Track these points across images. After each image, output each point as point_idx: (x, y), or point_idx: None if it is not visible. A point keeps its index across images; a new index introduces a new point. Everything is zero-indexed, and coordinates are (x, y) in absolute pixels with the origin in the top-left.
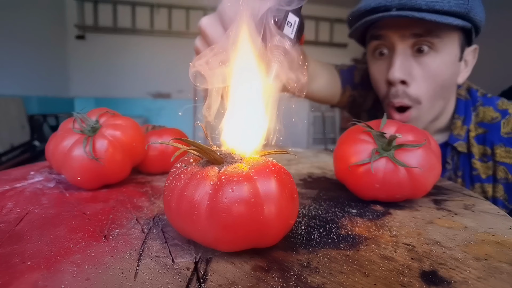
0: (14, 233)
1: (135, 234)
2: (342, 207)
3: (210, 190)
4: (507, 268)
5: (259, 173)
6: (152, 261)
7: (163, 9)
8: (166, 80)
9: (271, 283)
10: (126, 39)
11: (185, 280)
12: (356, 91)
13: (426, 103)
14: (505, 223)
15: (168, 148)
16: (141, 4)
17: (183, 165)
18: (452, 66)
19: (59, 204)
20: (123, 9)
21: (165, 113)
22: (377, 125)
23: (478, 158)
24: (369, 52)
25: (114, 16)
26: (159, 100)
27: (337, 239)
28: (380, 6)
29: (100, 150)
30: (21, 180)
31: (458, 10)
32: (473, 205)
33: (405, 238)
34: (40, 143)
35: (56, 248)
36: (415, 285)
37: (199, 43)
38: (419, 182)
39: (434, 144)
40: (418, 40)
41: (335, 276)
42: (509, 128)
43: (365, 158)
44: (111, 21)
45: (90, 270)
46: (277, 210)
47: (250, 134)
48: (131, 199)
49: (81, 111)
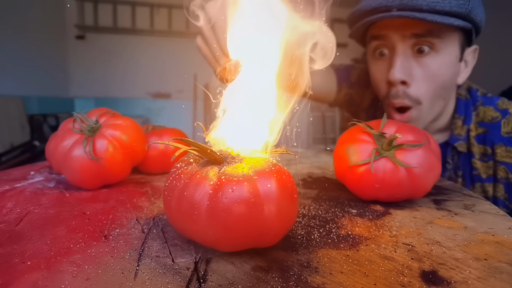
0: (14, 233)
1: (135, 234)
2: (342, 207)
3: (210, 190)
4: (507, 268)
5: (259, 173)
6: (152, 261)
7: (163, 9)
8: (166, 80)
9: (271, 283)
10: (126, 39)
11: (185, 280)
12: (352, 90)
13: (426, 103)
14: (505, 223)
15: (168, 148)
16: (141, 4)
17: (183, 165)
18: (452, 66)
19: (59, 204)
20: (123, 9)
21: (165, 113)
22: (377, 125)
23: (478, 158)
24: (369, 52)
25: (114, 16)
26: (159, 100)
27: (337, 239)
28: (380, 6)
29: (100, 150)
30: (21, 180)
31: (459, 10)
32: (473, 205)
33: (405, 238)
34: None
35: (56, 248)
36: (415, 285)
37: (200, 41)
38: (419, 182)
39: (434, 144)
40: (419, 40)
41: (335, 276)
42: (510, 128)
43: (365, 158)
44: (111, 21)
45: (90, 270)
46: (277, 210)
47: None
48: (131, 199)
49: (81, 111)
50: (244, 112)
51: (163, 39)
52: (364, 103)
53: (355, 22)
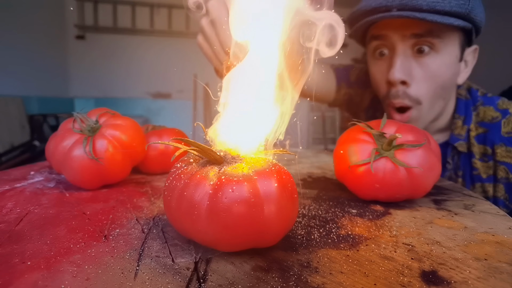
0: (14, 233)
1: (135, 234)
2: (342, 207)
3: (210, 190)
4: (507, 268)
5: (259, 173)
6: (152, 261)
7: (163, 9)
8: (166, 80)
9: (271, 283)
10: (126, 39)
11: (185, 280)
12: (352, 89)
13: (427, 103)
14: (505, 223)
15: (168, 148)
16: (141, 4)
17: (183, 165)
18: (452, 66)
19: (59, 204)
20: (123, 9)
21: (165, 113)
22: (377, 125)
23: (478, 158)
24: (369, 52)
25: (114, 16)
26: (159, 100)
27: (337, 239)
28: (381, 6)
29: (100, 150)
30: (21, 180)
31: (459, 10)
32: (473, 205)
33: (405, 238)
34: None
35: (56, 248)
36: (415, 285)
37: (201, 39)
38: (419, 182)
39: (434, 144)
40: (419, 40)
41: (335, 276)
42: (510, 128)
43: (365, 158)
44: (111, 21)
45: (90, 270)
46: (277, 210)
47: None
48: (131, 199)
49: (81, 111)
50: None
51: (163, 39)
52: (364, 103)
53: (355, 22)
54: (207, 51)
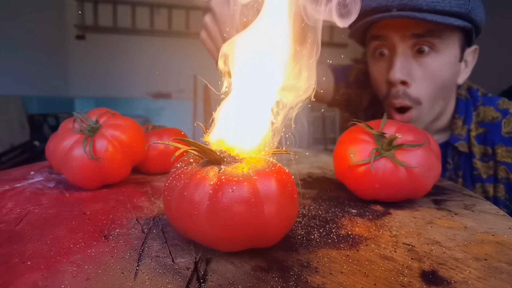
0: (14, 233)
1: (135, 234)
2: (342, 207)
3: (210, 190)
4: (507, 268)
5: (259, 173)
6: (152, 261)
7: (163, 9)
8: (166, 80)
9: (271, 283)
10: (126, 39)
11: (185, 280)
12: (350, 89)
13: (427, 103)
14: (505, 223)
15: (168, 148)
16: (141, 4)
17: (183, 165)
18: (452, 66)
19: (59, 204)
20: (123, 9)
21: (165, 113)
22: (377, 125)
23: (479, 158)
24: (369, 52)
25: (114, 16)
26: (159, 100)
27: (337, 239)
28: (380, 6)
29: (100, 150)
30: (21, 180)
31: (459, 10)
32: (473, 205)
33: (405, 238)
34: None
35: (56, 248)
36: (415, 285)
37: (204, 35)
38: (419, 182)
39: (434, 144)
40: (419, 40)
41: (335, 276)
42: (510, 128)
43: (365, 158)
44: (111, 21)
45: (90, 270)
46: (277, 210)
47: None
48: (131, 199)
49: (81, 111)
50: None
51: (163, 39)
52: (363, 103)
53: (355, 22)
54: (210, 47)
